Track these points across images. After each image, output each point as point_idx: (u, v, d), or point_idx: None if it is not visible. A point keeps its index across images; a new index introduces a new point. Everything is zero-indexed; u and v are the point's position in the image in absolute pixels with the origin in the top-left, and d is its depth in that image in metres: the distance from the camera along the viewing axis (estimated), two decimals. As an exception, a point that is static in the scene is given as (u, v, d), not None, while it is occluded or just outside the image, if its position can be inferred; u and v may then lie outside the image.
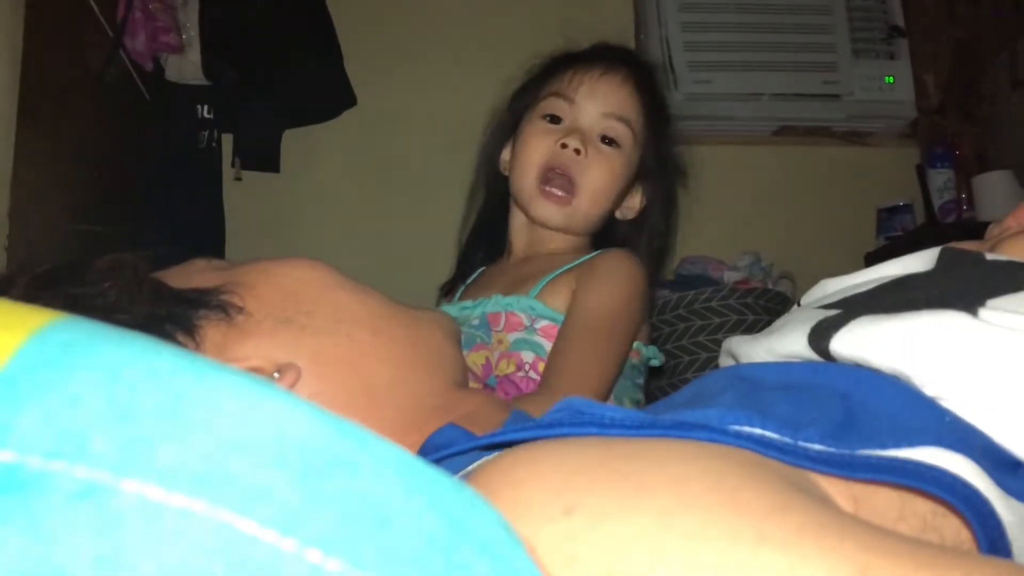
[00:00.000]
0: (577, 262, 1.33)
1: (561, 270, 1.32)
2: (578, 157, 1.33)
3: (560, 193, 1.33)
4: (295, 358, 0.67)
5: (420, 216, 2.55)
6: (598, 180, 1.35)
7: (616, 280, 1.28)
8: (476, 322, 1.32)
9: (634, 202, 1.45)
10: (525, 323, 1.28)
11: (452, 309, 1.37)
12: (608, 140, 1.36)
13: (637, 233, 1.47)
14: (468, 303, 1.36)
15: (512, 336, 1.29)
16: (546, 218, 1.36)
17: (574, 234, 1.40)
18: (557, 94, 1.38)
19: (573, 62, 1.41)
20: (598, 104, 1.36)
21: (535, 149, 1.36)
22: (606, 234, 1.45)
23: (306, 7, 2.47)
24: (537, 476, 0.42)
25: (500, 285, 1.37)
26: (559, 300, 1.29)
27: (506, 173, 1.44)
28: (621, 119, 1.36)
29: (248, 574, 0.27)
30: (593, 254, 1.35)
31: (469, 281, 1.49)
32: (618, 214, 1.44)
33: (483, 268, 1.51)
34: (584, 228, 1.40)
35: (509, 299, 1.30)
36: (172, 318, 0.65)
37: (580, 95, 1.36)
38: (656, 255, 1.51)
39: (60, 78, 1.54)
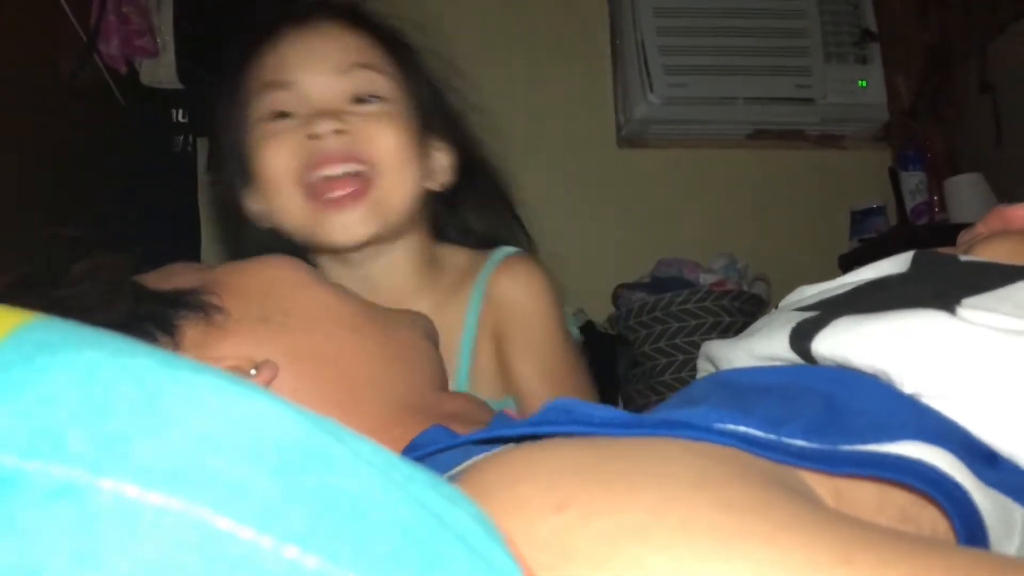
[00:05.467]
0: (476, 301, 1.02)
1: (473, 327, 1.02)
2: (343, 136, 0.94)
3: (348, 189, 0.94)
4: (272, 355, 0.68)
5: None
6: (387, 140, 0.96)
7: (543, 321, 1.03)
8: None
9: (440, 161, 1.06)
10: None
11: None
12: (363, 98, 0.98)
13: (470, 198, 1.12)
14: None
15: None
16: (351, 230, 0.95)
17: (397, 235, 1.00)
18: (267, 85, 0.98)
19: (261, 44, 1.03)
20: (323, 67, 0.98)
21: (278, 160, 0.95)
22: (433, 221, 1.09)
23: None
24: (531, 475, 0.43)
25: None
26: (496, 377, 1.02)
27: (267, 224, 1.01)
28: (362, 65, 0.99)
29: (226, 571, 0.27)
30: (483, 278, 1.03)
31: None
32: (430, 185, 1.04)
33: None
34: (403, 215, 0.99)
35: None
36: (152, 318, 0.66)
37: (295, 71, 0.98)
38: (505, 209, 1.16)
39: (32, 82, 1.52)
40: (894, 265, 0.69)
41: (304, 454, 0.31)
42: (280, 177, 0.95)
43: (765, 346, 0.64)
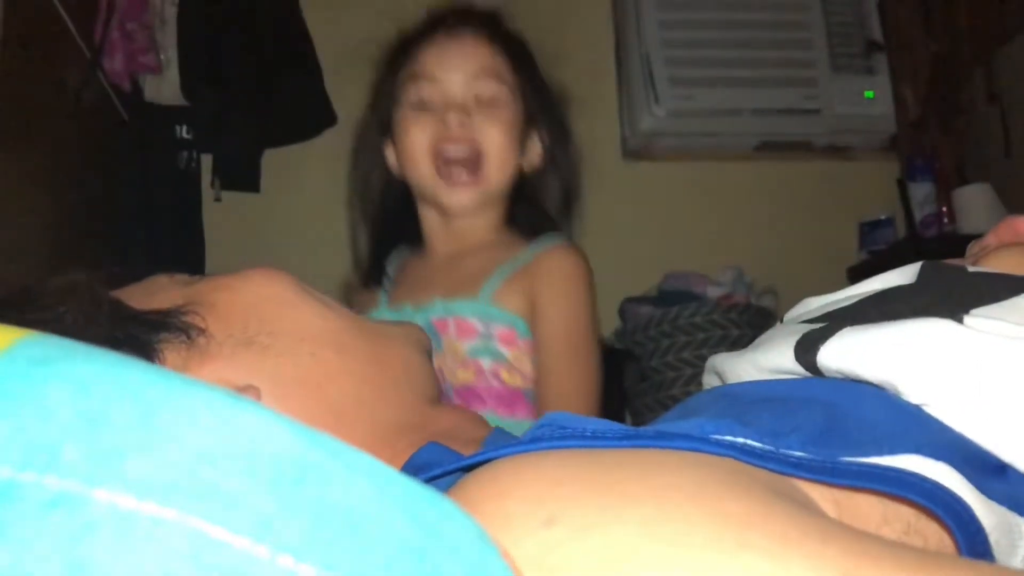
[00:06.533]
0: (523, 260, 1.29)
1: (510, 268, 1.28)
2: (465, 126, 1.29)
3: (465, 177, 1.29)
4: (255, 380, 0.65)
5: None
6: (496, 138, 1.30)
7: (575, 285, 1.27)
8: None
9: (534, 150, 1.39)
10: (479, 329, 1.24)
11: (389, 314, 1.31)
12: (484, 100, 1.31)
13: (545, 180, 1.41)
14: (407, 307, 1.29)
15: (466, 344, 1.24)
16: (460, 204, 1.31)
17: (490, 207, 1.35)
18: (415, 78, 1.32)
19: (416, 42, 1.37)
20: (460, 70, 1.31)
21: (418, 137, 1.30)
22: (516, 194, 1.39)
23: (285, 25, 2.47)
24: (518, 487, 0.42)
25: (439, 286, 1.30)
26: (514, 302, 1.26)
27: (399, 175, 1.38)
28: (489, 76, 1.32)
29: (221, 581, 0.27)
30: (535, 249, 1.30)
31: (391, 274, 1.42)
32: (524, 165, 1.38)
33: (398, 260, 1.43)
34: (500, 191, 1.35)
35: (456, 303, 1.26)
36: (131, 341, 0.63)
37: (438, 70, 1.31)
38: (571, 195, 1.43)
39: (36, 98, 1.53)
40: (901, 276, 0.68)
41: (299, 467, 0.31)
42: (417, 149, 1.31)
43: (770, 359, 0.64)
